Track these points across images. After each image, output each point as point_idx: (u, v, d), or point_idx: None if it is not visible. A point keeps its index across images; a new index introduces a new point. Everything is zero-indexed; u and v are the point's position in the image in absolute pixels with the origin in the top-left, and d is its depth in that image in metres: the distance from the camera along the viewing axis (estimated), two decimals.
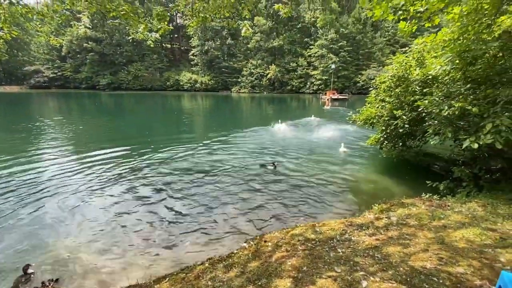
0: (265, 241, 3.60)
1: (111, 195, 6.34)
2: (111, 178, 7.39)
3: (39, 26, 7.55)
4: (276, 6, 5.74)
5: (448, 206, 4.64)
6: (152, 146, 10.90)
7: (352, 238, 3.50)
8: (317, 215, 5.23)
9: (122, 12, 5.07)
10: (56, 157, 9.48)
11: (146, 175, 7.62)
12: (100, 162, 8.78)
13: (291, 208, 5.59)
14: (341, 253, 3.02)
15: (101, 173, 7.82)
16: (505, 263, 2.66)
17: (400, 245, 3.14)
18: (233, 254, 3.43)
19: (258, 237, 3.90)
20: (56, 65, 65.62)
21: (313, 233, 3.78)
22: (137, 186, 6.85)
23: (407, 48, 7.70)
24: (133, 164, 8.62)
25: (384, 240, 3.30)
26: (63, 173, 7.76)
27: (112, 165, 8.51)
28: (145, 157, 9.38)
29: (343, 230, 3.83)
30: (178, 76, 67.03)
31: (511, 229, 3.42)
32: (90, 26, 57.21)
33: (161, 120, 21.43)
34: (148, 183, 7.05)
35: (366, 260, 2.84)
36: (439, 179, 6.24)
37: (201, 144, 11.46)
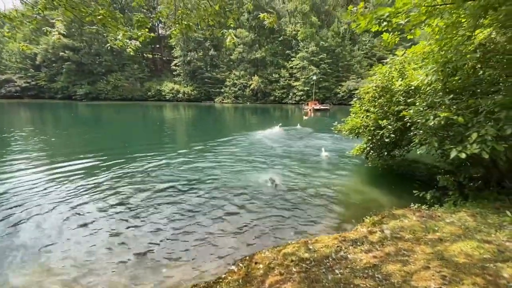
0: (256, 263, 3.30)
1: (78, 213, 5.74)
2: (81, 193, 6.77)
3: (7, 31, 6.98)
4: (261, 15, 5.64)
5: (439, 216, 4.58)
6: (131, 158, 10.33)
7: (349, 256, 3.29)
8: (308, 230, 4.99)
9: (99, 17, 4.74)
10: (21, 169, 8.71)
11: (122, 190, 7.06)
12: (70, 176, 8.10)
13: (281, 223, 5.31)
14: (339, 275, 2.78)
15: (69, 187, 7.15)
16: (509, 279, 2.54)
17: (399, 262, 2.97)
18: (220, 280, 3.09)
19: (247, 258, 3.58)
20: (29, 74, 62.54)
21: (306, 251, 3.54)
22: (110, 202, 6.30)
23: (388, 60, 7.86)
24: (108, 177, 8.02)
25: (382, 258, 3.11)
26: (26, 188, 7.05)
27: (84, 178, 7.88)
28: (122, 170, 8.81)
29: (337, 246, 3.62)
30: (160, 86, 65.92)
31: (506, 240, 3.36)
32: (65, 33, 55.23)
33: (142, 131, 20.66)
34: (123, 199, 6.52)
35: (366, 282, 2.62)
36: (425, 187, 6.25)
37: (183, 156, 11.01)
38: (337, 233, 4.32)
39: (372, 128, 7.15)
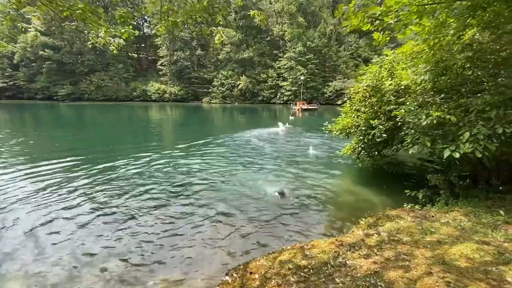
0: (251, 273, 3.10)
1: (55, 218, 5.37)
2: (59, 199, 6.35)
3: None
4: (252, 12, 5.45)
5: (433, 216, 4.54)
6: (115, 161, 9.89)
7: (347, 262, 3.14)
8: (303, 234, 4.84)
9: (77, 11, 4.40)
10: None
11: (104, 195, 6.68)
12: (48, 180, 7.61)
13: (273, 227, 5.13)
14: (340, 284, 2.63)
15: (47, 192, 6.71)
16: None
17: (400, 268, 2.85)
18: None
19: (241, 267, 3.36)
20: (7, 74, 59.69)
21: (303, 258, 3.37)
22: (90, 208, 5.92)
23: (378, 59, 7.86)
24: (90, 181, 7.59)
25: (382, 263, 2.99)
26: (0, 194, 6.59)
27: (64, 183, 7.42)
28: (105, 173, 8.39)
29: (335, 252, 3.48)
30: (146, 86, 64.41)
31: (503, 241, 3.32)
32: (43, 30, 52.92)
33: (127, 132, 19.99)
34: (104, 205, 6.14)
35: None
36: (416, 187, 6.26)
37: (171, 157, 10.66)
38: (333, 237, 4.19)
39: (363, 128, 7.11)
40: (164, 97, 63.44)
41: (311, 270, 3.02)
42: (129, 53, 69.08)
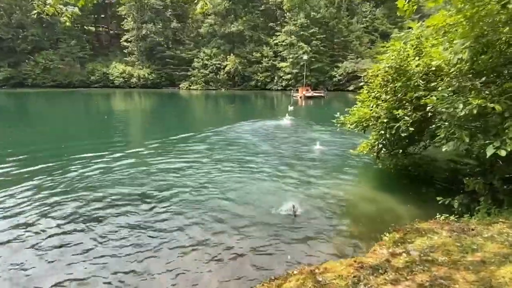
0: None
1: None
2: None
3: None
4: None
5: (473, 230, 4.59)
6: (69, 162, 9.71)
7: None
8: (312, 254, 4.82)
9: None
10: None
11: (52, 205, 6.56)
12: None
13: (276, 247, 5.08)
14: None
15: None
16: None
17: None
18: None
19: None
20: None
21: (315, 285, 3.35)
22: (35, 220, 5.82)
23: (401, 34, 7.87)
24: (37, 187, 7.44)
25: None
26: None
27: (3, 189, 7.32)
28: (56, 177, 8.23)
29: (354, 277, 3.47)
30: (107, 68, 63.71)
31: None
32: None
33: (84, 127, 19.76)
34: (52, 217, 6.04)
35: None
36: (449, 193, 6.32)
37: (139, 157, 10.55)
38: (350, 258, 4.18)
39: (384, 120, 7.13)
40: (131, 82, 62.85)
41: None
42: (85, 26, 68.20)
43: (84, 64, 64.45)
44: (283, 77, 60.06)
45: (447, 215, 5.32)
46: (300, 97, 43.07)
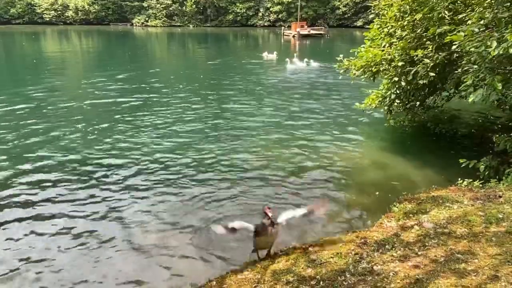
0: None
1: None
2: None
3: None
4: None
5: (500, 197, 4.74)
6: None
7: (375, 268, 3.19)
8: (307, 229, 4.90)
9: None
10: None
11: None
12: None
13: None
14: None
15: None
16: None
17: (454, 273, 2.91)
18: None
19: (214, 283, 3.43)
20: None
21: (309, 265, 3.41)
22: None
23: None
24: None
25: (427, 268, 3.09)
26: None
27: None
28: None
29: (356, 254, 3.53)
30: None
31: None
32: None
33: (4, 78, 18.66)
34: None
35: None
36: (475, 154, 6.46)
37: (87, 123, 9.93)
38: (352, 232, 4.30)
39: (399, 64, 7.05)
40: (66, 17, 59.32)
41: (320, 283, 3.10)
42: None
43: None
44: (271, 9, 57.87)
45: (471, 180, 5.46)
46: (294, 36, 41.91)
